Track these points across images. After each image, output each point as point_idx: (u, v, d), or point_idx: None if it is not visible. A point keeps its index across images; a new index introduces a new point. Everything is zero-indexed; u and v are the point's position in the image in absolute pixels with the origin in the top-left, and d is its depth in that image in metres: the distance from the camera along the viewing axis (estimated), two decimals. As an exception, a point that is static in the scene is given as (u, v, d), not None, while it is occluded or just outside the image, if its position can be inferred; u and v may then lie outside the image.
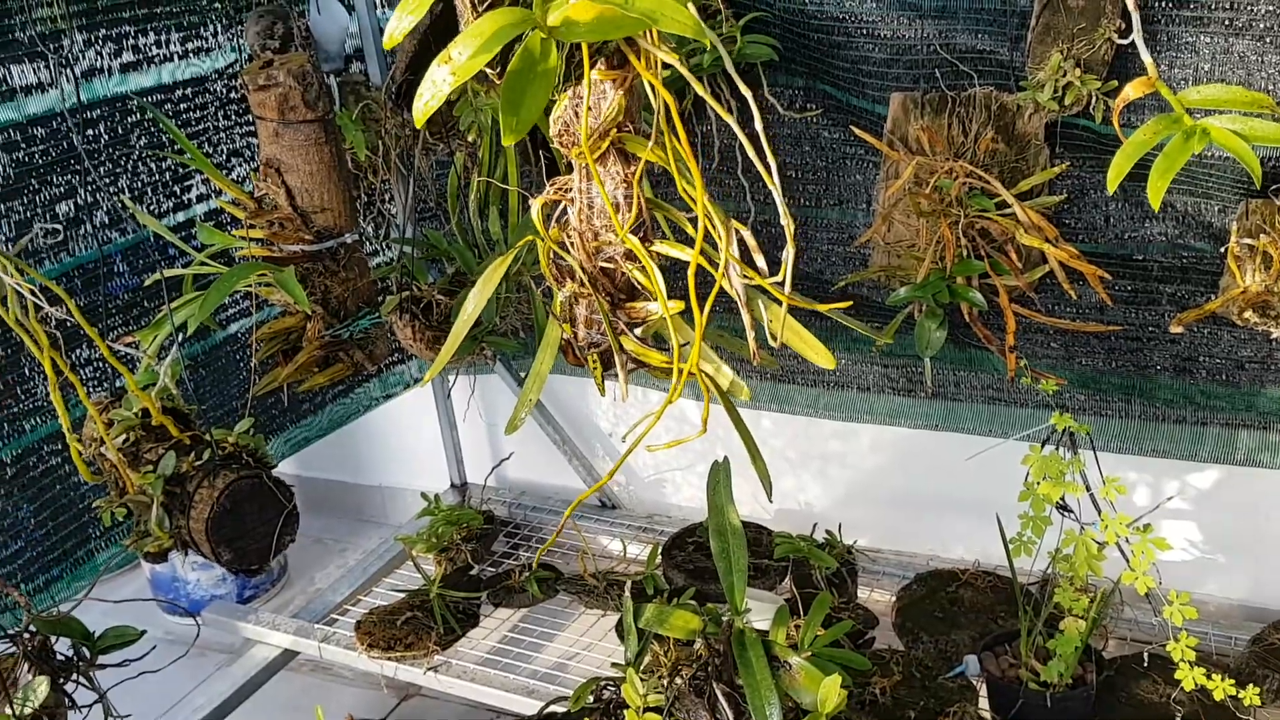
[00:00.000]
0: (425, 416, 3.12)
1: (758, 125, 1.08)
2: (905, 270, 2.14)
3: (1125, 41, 1.79)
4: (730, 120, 1.07)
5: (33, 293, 1.29)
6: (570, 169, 1.32)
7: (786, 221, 1.11)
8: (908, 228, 2.13)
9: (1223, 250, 1.89)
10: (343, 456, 3.40)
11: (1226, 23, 1.83)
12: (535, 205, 1.31)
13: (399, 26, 0.97)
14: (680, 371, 1.29)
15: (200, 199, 2.42)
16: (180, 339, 1.56)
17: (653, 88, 1.11)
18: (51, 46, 2.05)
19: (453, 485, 3.16)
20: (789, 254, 1.17)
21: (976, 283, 2.05)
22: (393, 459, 3.39)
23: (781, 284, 1.20)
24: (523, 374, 2.91)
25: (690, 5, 0.91)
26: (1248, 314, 1.84)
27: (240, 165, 2.53)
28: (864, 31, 2.09)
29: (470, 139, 2.01)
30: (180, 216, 2.40)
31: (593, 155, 1.22)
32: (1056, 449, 1.83)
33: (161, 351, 1.68)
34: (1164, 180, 1.05)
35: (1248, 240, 1.83)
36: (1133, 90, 1.12)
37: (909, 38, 2.06)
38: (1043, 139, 2.00)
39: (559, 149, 1.28)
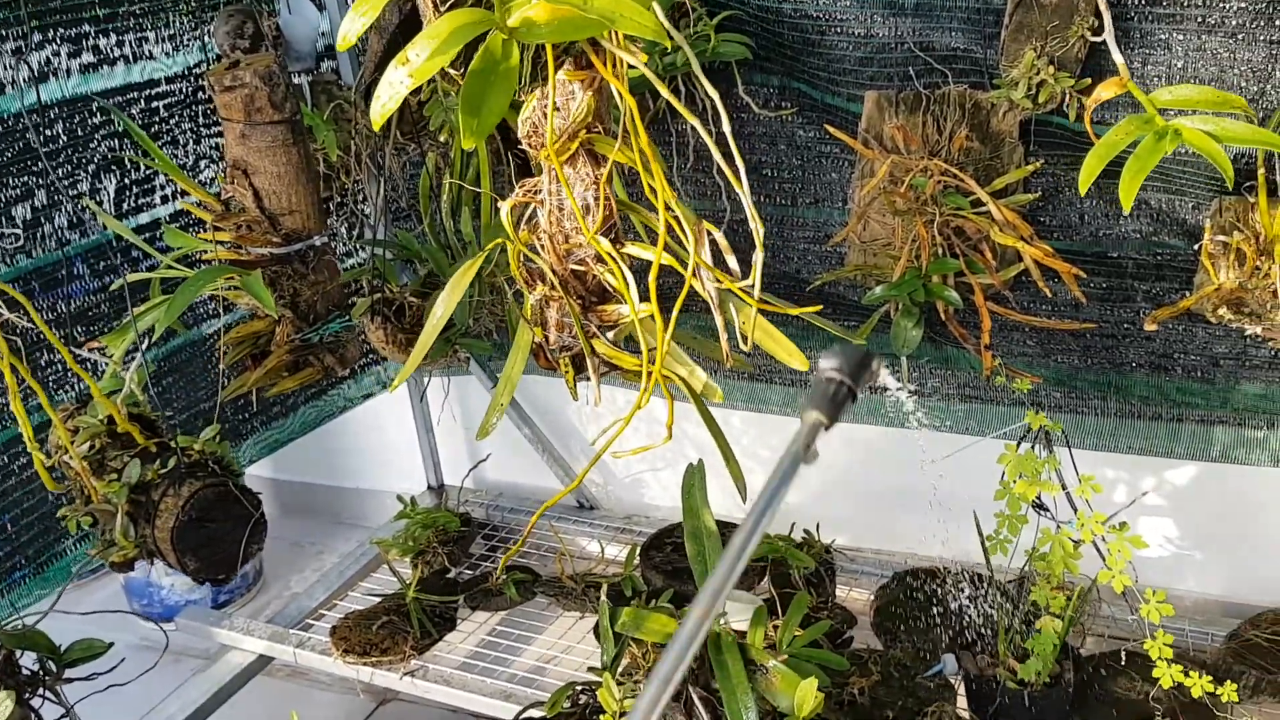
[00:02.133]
0: (401, 418, 3.10)
1: (726, 128, 1.07)
2: (881, 269, 2.14)
3: (1098, 39, 1.79)
4: (697, 124, 1.06)
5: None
6: (541, 170, 1.30)
7: (755, 225, 1.10)
8: (883, 226, 2.12)
9: (1196, 248, 1.89)
10: (317, 458, 3.37)
11: (1199, 20, 1.82)
12: (504, 207, 1.29)
13: (352, 28, 0.96)
14: (649, 375, 1.27)
15: (165, 200, 2.38)
16: (146, 344, 1.53)
17: (619, 90, 1.09)
18: (8, 47, 2.02)
19: (429, 487, 3.14)
20: (758, 258, 1.16)
21: (952, 281, 2.04)
22: (368, 461, 3.37)
23: (753, 288, 1.19)
24: (498, 374, 2.89)
25: (656, 6, 0.89)
26: (1222, 310, 1.84)
27: (208, 167, 2.49)
28: (839, 29, 2.08)
29: (442, 139, 1.99)
30: (144, 218, 2.37)
31: (562, 157, 1.20)
32: (1032, 447, 1.83)
33: (128, 356, 1.65)
34: (1135, 181, 1.04)
35: (1221, 237, 1.83)
36: (1105, 90, 1.11)
37: (883, 36, 2.05)
38: (1017, 137, 2.00)
39: (530, 150, 1.27)
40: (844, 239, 2.17)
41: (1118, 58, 1.08)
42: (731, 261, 1.23)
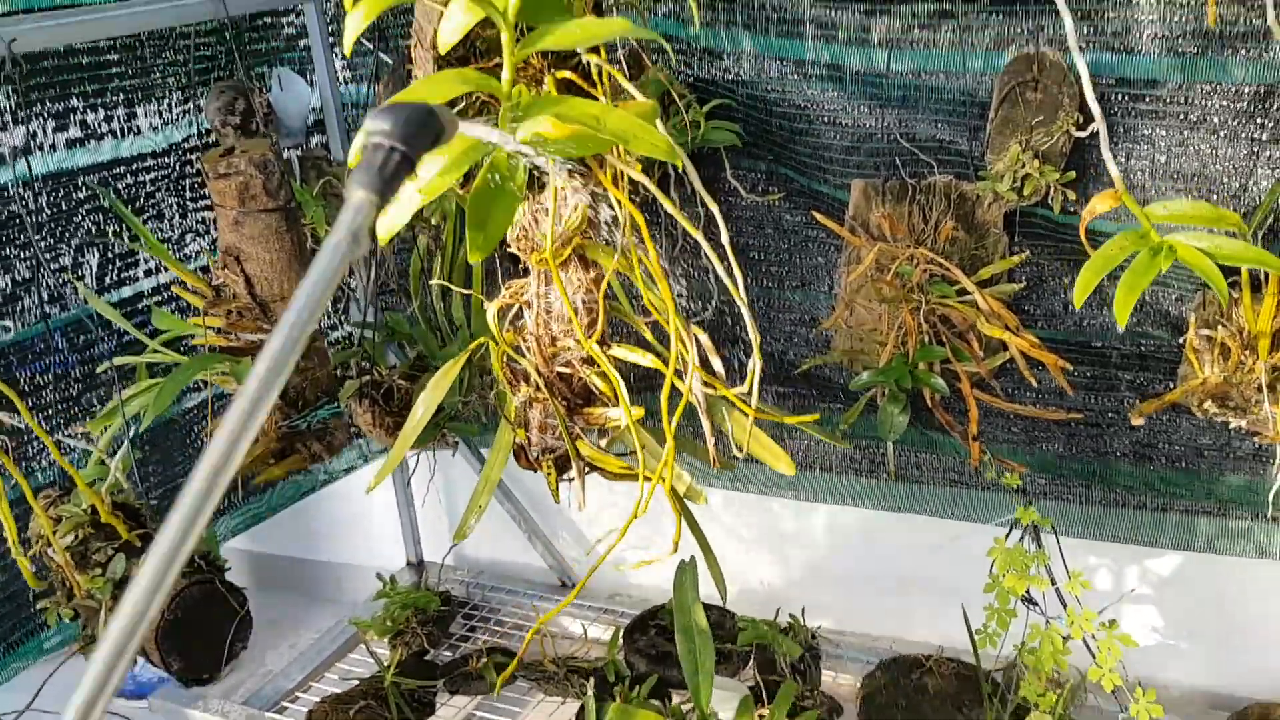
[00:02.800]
0: (381, 491, 3.06)
1: (724, 239, 1.07)
2: (868, 354, 2.14)
3: (1083, 134, 1.81)
4: (699, 236, 1.06)
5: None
6: (527, 271, 1.30)
7: (753, 334, 1.09)
8: (870, 312, 2.13)
9: (1181, 341, 1.90)
10: (294, 531, 3.32)
11: (1181, 116, 1.86)
12: (491, 310, 1.29)
13: (352, 27, 0.94)
14: (647, 481, 1.26)
15: (149, 274, 2.37)
16: (132, 432, 1.52)
17: (620, 202, 1.09)
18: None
19: (409, 563, 3.10)
20: (755, 365, 1.15)
21: (938, 368, 2.05)
22: (347, 535, 3.32)
23: (748, 395, 1.18)
24: (485, 450, 2.87)
25: (660, 127, 0.90)
26: (1207, 405, 1.85)
27: (193, 241, 2.49)
28: (826, 119, 2.10)
29: (434, 222, 1.99)
30: (127, 291, 2.36)
31: (558, 258, 1.20)
32: (1021, 540, 1.83)
33: (113, 444, 1.63)
34: (1131, 298, 1.05)
35: (1205, 331, 1.85)
36: (1099, 203, 1.12)
37: (870, 126, 2.08)
38: (1002, 227, 2.02)
39: (520, 253, 1.26)
40: (832, 324, 2.18)
41: (1113, 170, 1.10)
42: (716, 364, 1.22)
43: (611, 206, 1.11)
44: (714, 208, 1.04)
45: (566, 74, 1.00)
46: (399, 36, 2.42)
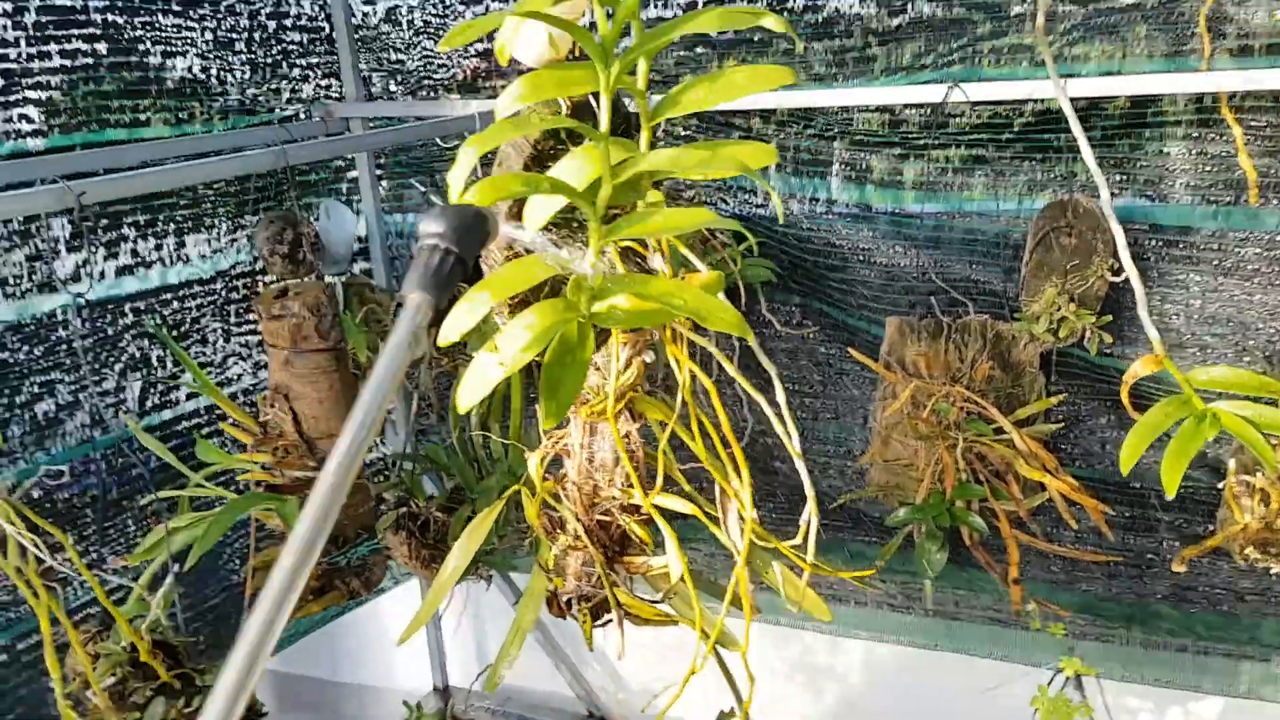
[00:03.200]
0: (408, 615, 3.04)
1: (780, 397, 1.09)
2: (904, 489, 2.14)
3: (1118, 279, 1.83)
4: (762, 400, 1.08)
5: (35, 543, 1.27)
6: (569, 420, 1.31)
7: (810, 494, 1.10)
8: (906, 447, 2.13)
9: (1220, 486, 1.89)
10: (320, 652, 3.30)
11: (1215, 263, 1.88)
12: (533, 460, 1.30)
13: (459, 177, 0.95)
14: (702, 633, 1.26)
15: (190, 397, 2.41)
16: (177, 570, 1.53)
17: (678, 359, 1.11)
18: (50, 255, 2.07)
19: (435, 689, 3.06)
20: (811, 520, 1.15)
21: (976, 506, 2.04)
22: (373, 657, 3.29)
23: (803, 548, 1.18)
24: (515, 573, 2.85)
25: (701, 265, 0.92)
26: (1249, 551, 1.83)
27: (235, 364, 2.53)
28: (861, 258, 2.14)
29: (473, 355, 2.01)
30: (168, 414, 2.39)
31: (603, 416, 1.22)
32: (1064, 688, 1.79)
33: (155, 580, 1.64)
34: (1180, 464, 1.05)
35: (1245, 477, 1.84)
36: (1141, 367, 1.13)
37: (904, 264, 2.11)
38: (1038, 367, 2.03)
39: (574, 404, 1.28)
40: (868, 460, 2.18)
41: (1152, 334, 1.11)
42: (753, 512, 1.23)
43: (669, 365, 1.13)
44: (772, 370, 1.06)
45: (629, 242, 1.03)
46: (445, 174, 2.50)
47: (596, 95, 0.95)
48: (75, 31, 2.10)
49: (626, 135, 1.05)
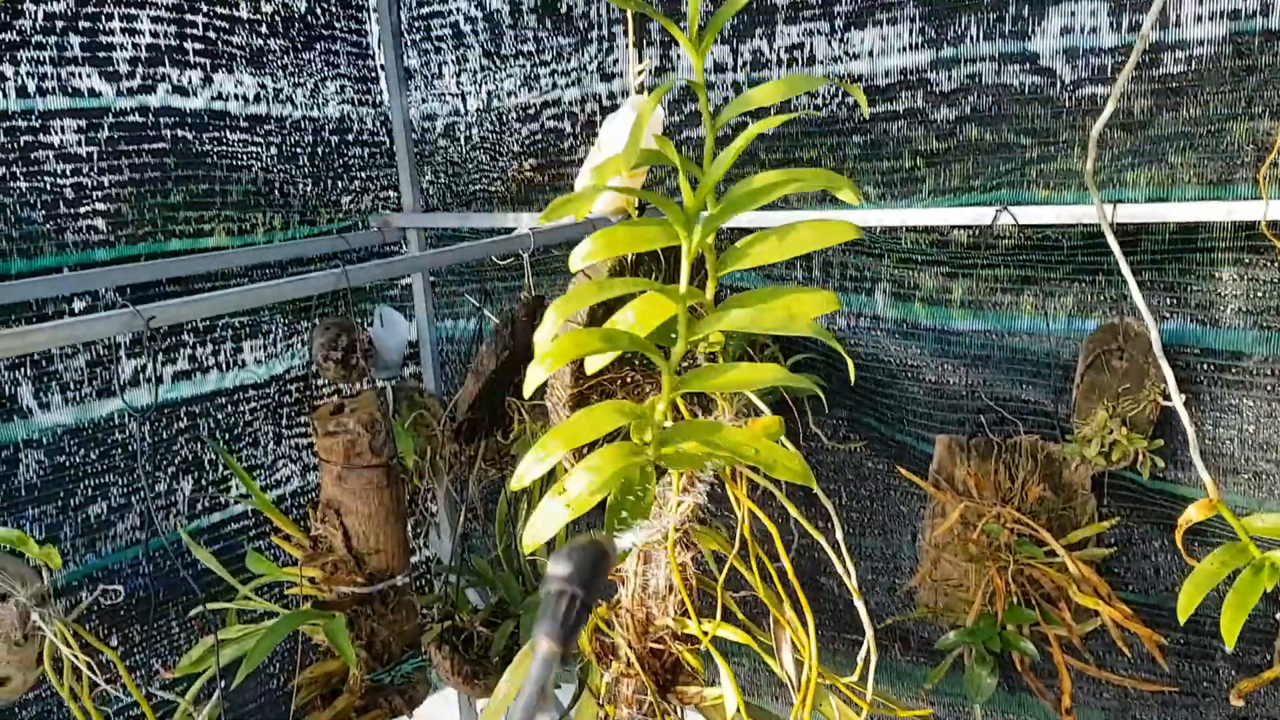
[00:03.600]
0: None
1: (839, 535, 1.09)
2: (953, 611, 2.11)
3: (1171, 404, 1.82)
4: (822, 540, 1.08)
5: (89, 665, 1.28)
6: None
7: (869, 629, 1.09)
8: (955, 568, 2.10)
9: (1277, 616, 1.85)
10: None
11: (1269, 388, 1.86)
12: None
13: (537, 374, 0.97)
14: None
15: (239, 500, 2.44)
16: (224, 686, 1.53)
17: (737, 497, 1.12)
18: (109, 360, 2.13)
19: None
20: (869, 650, 1.14)
21: (1028, 631, 2.00)
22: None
23: (862, 683, 1.17)
24: (560, 687, 2.82)
25: (797, 454, 0.93)
26: (1312, 685, 1.78)
27: (284, 466, 2.56)
28: (910, 375, 2.14)
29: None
30: (217, 517, 2.42)
31: (661, 547, 1.22)
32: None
33: (199, 697, 1.65)
34: (1240, 616, 1.04)
35: (1306, 608, 1.79)
36: (1196, 512, 1.12)
37: (952, 382, 2.11)
38: (1089, 489, 2.00)
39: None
40: (918, 581, 2.15)
41: (1205, 476, 1.10)
42: (810, 642, 1.22)
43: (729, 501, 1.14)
44: (830, 507, 1.06)
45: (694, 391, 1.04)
46: (503, 298, 2.54)
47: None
48: (146, 146, 2.19)
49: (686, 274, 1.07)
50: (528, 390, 0.91)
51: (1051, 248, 1.98)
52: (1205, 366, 1.90)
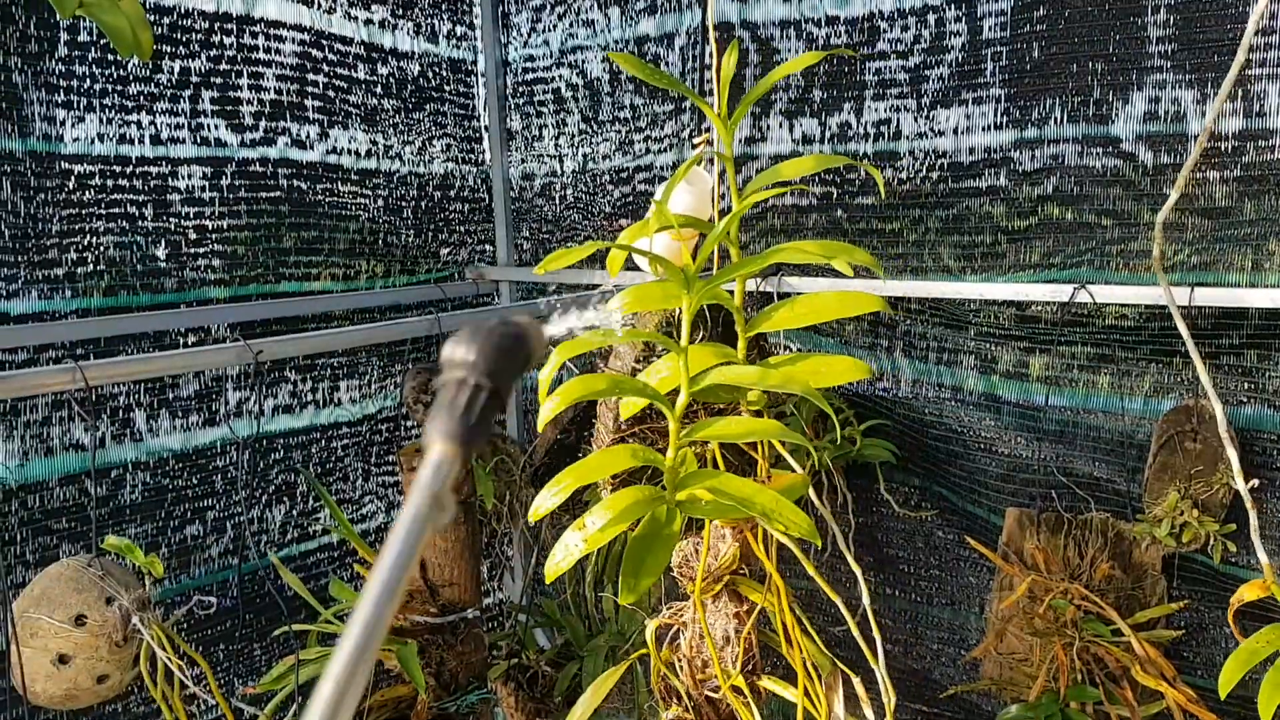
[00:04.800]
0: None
1: (865, 600, 1.12)
2: (1017, 685, 2.10)
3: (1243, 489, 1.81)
4: (855, 629, 1.12)
5: (180, 669, 1.38)
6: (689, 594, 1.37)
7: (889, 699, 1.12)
8: (1021, 642, 2.10)
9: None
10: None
11: (1346, 479, 1.84)
12: (650, 627, 1.36)
13: (546, 409, 1.05)
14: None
15: (326, 531, 2.55)
16: (300, 702, 1.62)
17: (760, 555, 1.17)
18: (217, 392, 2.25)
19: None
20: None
21: (1090, 709, 1.99)
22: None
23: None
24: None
25: (801, 512, 0.98)
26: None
27: (372, 502, 2.67)
28: (981, 446, 2.16)
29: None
30: (304, 546, 2.53)
31: (707, 595, 1.27)
32: None
33: (278, 714, 1.74)
34: (1276, 697, 1.05)
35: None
36: (1247, 592, 1.14)
37: (1026, 457, 2.12)
38: (1160, 570, 2.00)
39: (679, 578, 1.34)
40: (982, 652, 2.15)
41: (1263, 558, 1.12)
42: (869, 713, 1.25)
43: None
44: (858, 571, 1.11)
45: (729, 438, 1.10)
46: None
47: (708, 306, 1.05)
48: (264, 195, 2.34)
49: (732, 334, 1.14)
50: (540, 423, 0.98)
51: (1130, 328, 2.00)
52: (1277, 455, 1.89)
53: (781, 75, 1.11)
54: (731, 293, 1.07)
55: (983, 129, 2.09)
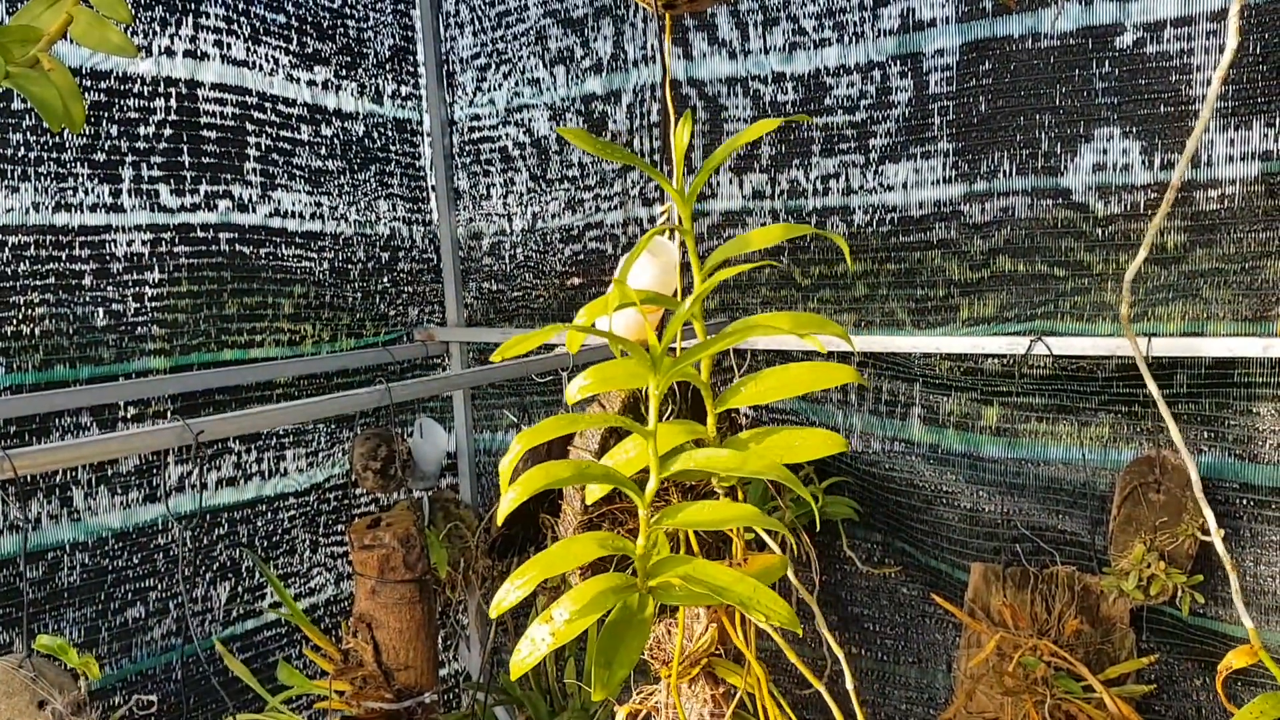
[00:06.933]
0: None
1: (849, 684, 1.09)
2: (988, 745, 2.06)
3: (1209, 538, 1.80)
4: (823, 690, 1.08)
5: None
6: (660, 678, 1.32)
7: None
8: (991, 700, 2.06)
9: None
10: None
11: (1311, 525, 1.84)
12: (620, 714, 1.30)
13: (502, 506, 1.00)
14: None
15: (274, 607, 2.46)
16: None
17: (741, 647, 1.13)
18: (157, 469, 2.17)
19: None
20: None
21: (1064, 768, 1.96)
22: None
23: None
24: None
25: (781, 599, 0.94)
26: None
27: (320, 575, 2.58)
28: (945, 501, 2.14)
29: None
30: (250, 624, 2.44)
31: (684, 678, 1.22)
32: None
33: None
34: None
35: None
36: (1235, 659, 1.11)
37: (989, 511, 2.10)
38: (1128, 623, 1.98)
39: (651, 660, 1.29)
40: (952, 714, 2.11)
41: (1247, 622, 1.10)
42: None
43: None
44: (841, 656, 1.07)
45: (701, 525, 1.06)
46: (540, 413, 2.59)
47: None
48: (205, 260, 2.27)
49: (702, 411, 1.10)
50: (499, 517, 0.94)
51: (1086, 378, 1.99)
52: (1244, 502, 1.89)
53: (741, 144, 1.09)
54: (698, 367, 1.03)
55: (931, 183, 2.09)
